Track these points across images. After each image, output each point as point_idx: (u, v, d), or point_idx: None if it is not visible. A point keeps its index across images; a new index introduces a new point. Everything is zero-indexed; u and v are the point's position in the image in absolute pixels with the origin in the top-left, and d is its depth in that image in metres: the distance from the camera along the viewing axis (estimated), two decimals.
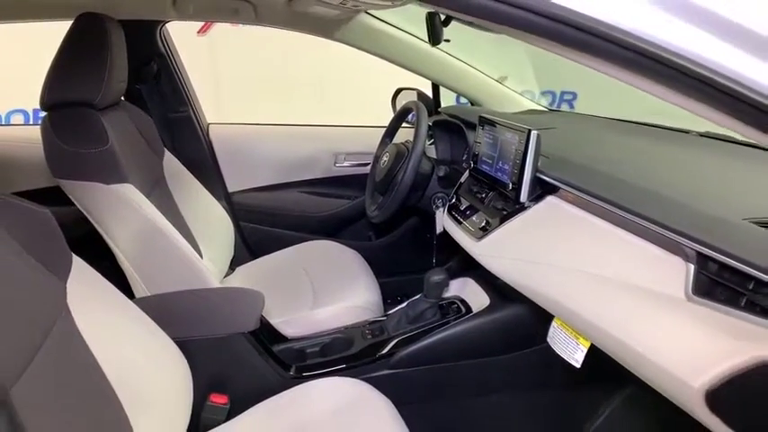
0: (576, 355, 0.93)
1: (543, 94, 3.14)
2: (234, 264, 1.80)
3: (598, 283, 0.86)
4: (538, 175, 1.12)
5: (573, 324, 0.91)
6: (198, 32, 2.80)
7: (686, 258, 0.75)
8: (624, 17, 0.58)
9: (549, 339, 1.01)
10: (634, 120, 1.65)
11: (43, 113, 1.24)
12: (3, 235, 0.75)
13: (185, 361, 1.05)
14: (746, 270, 0.67)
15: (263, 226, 2.00)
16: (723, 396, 0.62)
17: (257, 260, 1.85)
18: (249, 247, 1.99)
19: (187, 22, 1.77)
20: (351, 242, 1.91)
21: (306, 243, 1.88)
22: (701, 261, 0.74)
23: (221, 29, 2.70)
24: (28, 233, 0.80)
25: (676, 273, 0.75)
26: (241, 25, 2.65)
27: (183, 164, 1.67)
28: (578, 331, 0.92)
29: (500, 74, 2.04)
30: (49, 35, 1.28)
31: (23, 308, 0.73)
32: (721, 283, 0.71)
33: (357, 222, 2.05)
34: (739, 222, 0.76)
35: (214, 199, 1.78)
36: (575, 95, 3.40)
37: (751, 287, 0.68)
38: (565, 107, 3.34)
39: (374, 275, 1.69)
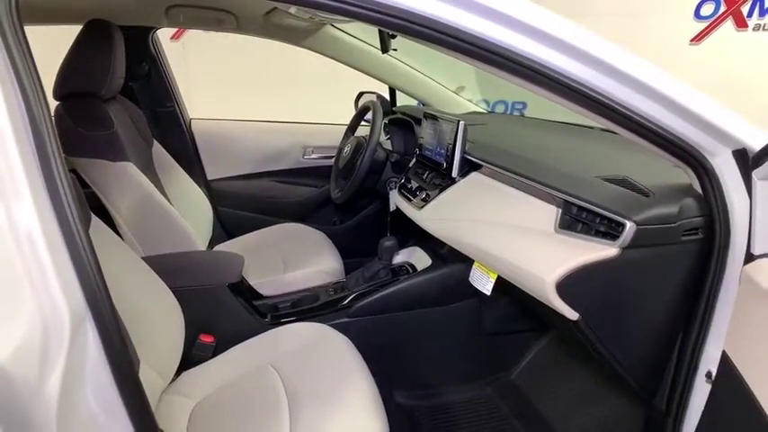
0: (487, 286, 1.22)
1: (497, 103, 3.46)
2: (212, 243, 2.03)
3: (501, 229, 1.16)
4: (465, 156, 1.42)
5: (485, 261, 1.21)
6: (171, 38, 3.01)
7: (556, 204, 1.07)
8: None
9: (470, 279, 1.30)
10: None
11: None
12: None
13: (179, 306, 1.28)
14: (594, 209, 0.98)
15: (238, 210, 2.24)
16: (566, 285, 0.92)
17: (233, 239, 2.09)
18: (225, 228, 2.22)
19: (162, 31, 2.02)
20: (317, 226, 2.16)
21: (277, 225, 2.14)
22: (566, 206, 1.04)
23: (193, 35, 2.96)
24: None
25: (549, 215, 1.06)
26: (212, 33, 2.92)
27: (168, 153, 1.91)
28: (488, 267, 1.22)
29: (458, 84, 2.34)
30: None
31: None
32: (578, 220, 1.02)
33: (323, 208, 2.31)
34: (592, 179, 1.07)
35: (196, 185, 2.01)
36: (524, 105, 3.74)
37: (597, 221, 0.99)
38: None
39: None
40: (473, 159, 1.40)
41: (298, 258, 1.81)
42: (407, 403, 1.61)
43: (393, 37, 1.42)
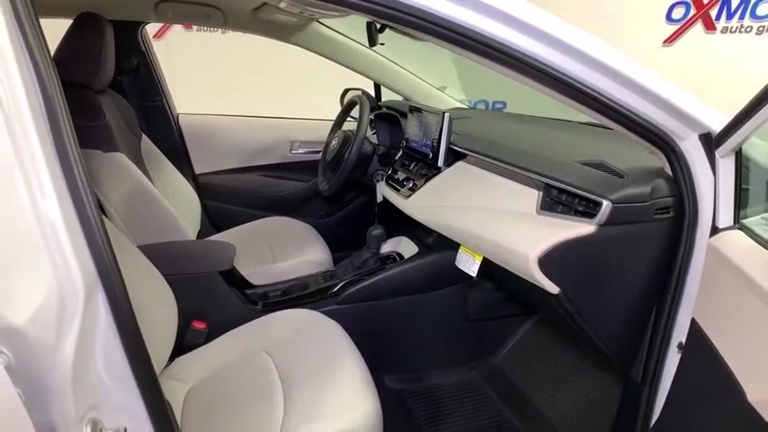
0: (473, 268, 1.28)
1: (478, 102, 3.54)
2: (200, 237, 2.04)
3: (486, 213, 1.21)
4: (450, 146, 1.48)
5: (471, 244, 1.26)
6: (154, 37, 3.02)
7: (537, 188, 1.13)
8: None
9: (456, 262, 1.35)
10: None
11: None
12: None
13: (172, 293, 1.30)
14: (573, 190, 1.05)
15: (226, 204, 2.26)
16: (547, 261, 0.98)
17: (221, 233, 2.11)
18: (213, 222, 2.24)
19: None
20: (305, 219, 2.18)
21: (264, 219, 2.16)
22: (547, 189, 1.11)
23: (176, 36, 2.98)
24: None
25: (531, 198, 1.12)
26: (194, 31, 2.93)
27: (157, 147, 1.92)
28: (474, 250, 1.27)
29: (440, 84, 2.40)
30: None
31: None
32: (558, 201, 1.08)
33: (310, 202, 2.34)
34: (571, 163, 1.13)
35: (184, 179, 2.03)
36: (504, 104, 3.82)
37: (576, 201, 1.05)
38: None
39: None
40: (458, 149, 1.45)
41: (287, 249, 1.84)
42: (396, 387, 1.66)
43: (381, 31, 1.46)
